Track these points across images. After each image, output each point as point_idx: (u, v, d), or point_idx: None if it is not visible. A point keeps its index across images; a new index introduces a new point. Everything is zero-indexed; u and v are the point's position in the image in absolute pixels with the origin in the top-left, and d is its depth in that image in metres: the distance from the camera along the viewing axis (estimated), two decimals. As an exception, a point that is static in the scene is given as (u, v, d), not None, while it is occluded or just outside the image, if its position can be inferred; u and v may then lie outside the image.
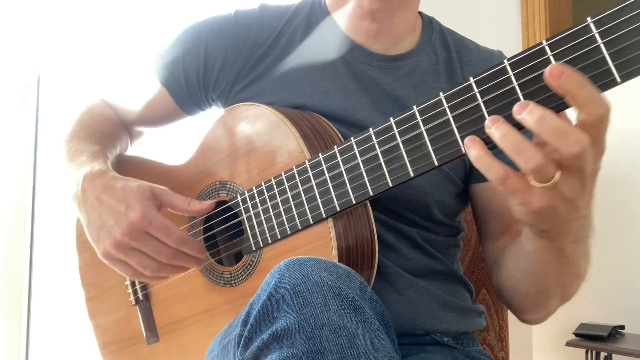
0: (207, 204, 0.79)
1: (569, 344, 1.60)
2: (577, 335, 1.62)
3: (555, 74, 0.48)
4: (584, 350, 1.59)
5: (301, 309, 0.53)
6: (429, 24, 0.93)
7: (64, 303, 1.03)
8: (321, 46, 0.88)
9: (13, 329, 1.83)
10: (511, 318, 1.09)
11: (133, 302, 0.95)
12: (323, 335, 0.51)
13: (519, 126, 0.51)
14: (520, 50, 0.53)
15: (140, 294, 0.94)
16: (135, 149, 1.06)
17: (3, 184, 1.84)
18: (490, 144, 0.54)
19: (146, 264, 0.75)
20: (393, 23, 0.86)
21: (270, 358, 0.53)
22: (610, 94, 0.50)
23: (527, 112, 0.49)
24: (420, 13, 0.93)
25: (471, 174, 0.86)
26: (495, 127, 0.51)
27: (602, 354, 1.57)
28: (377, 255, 0.75)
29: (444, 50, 0.90)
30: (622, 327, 1.67)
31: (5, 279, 1.83)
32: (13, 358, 1.82)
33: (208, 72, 0.89)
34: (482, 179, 0.85)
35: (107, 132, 0.94)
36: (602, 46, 0.48)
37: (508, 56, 0.55)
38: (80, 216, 0.80)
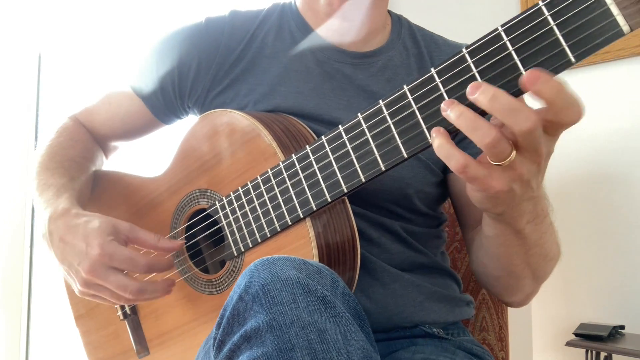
0: (178, 244, 0.80)
1: (569, 344, 1.57)
2: (577, 335, 1.60)
3: (532, 79, 0.48)
4: (584, 350, 1.56)
5: (270, 307, 0.52)
6: (397, 21, 0.94)
7: (64, 303, 1.03)
8: (294, 47, 0.88)
9: (13, 329, 1.82)
10: (511, 318, 1.09)
11: (121, 317, 0.94)
12: (292, 332, 0.51)
13: (479, 113, 0.52)
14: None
15: (127, 308, 0.94)
16: (111, 164, 1.06)
17: (3, 183, 1.84)
18: (454, 134, 0.55)
19: (115, 299, 0.76)
20: (364, 21, 0.87)
21: (241, 359, 0.52)
22: (609, 94, 0.50)
23: (480, 92, 0.50)
24: (389, 11, 0.94)
25: None
26: (450, 109, 0.52)
27: (602, 354, 1.55)
28: (359, 251, 0.74)
29: (414, 45, 0.91)
30: (622, 327, 1.65)
31: (5, 279, 1.83)
32: (13, 358, 1.81)
33: (183, 80, 0.90)
34: None
35: (76, 157, 0.94)
36: (554, 28, 0.48)
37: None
38: (52, 256, 0.81)
